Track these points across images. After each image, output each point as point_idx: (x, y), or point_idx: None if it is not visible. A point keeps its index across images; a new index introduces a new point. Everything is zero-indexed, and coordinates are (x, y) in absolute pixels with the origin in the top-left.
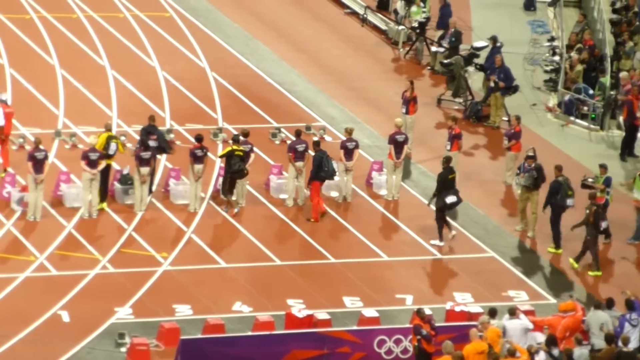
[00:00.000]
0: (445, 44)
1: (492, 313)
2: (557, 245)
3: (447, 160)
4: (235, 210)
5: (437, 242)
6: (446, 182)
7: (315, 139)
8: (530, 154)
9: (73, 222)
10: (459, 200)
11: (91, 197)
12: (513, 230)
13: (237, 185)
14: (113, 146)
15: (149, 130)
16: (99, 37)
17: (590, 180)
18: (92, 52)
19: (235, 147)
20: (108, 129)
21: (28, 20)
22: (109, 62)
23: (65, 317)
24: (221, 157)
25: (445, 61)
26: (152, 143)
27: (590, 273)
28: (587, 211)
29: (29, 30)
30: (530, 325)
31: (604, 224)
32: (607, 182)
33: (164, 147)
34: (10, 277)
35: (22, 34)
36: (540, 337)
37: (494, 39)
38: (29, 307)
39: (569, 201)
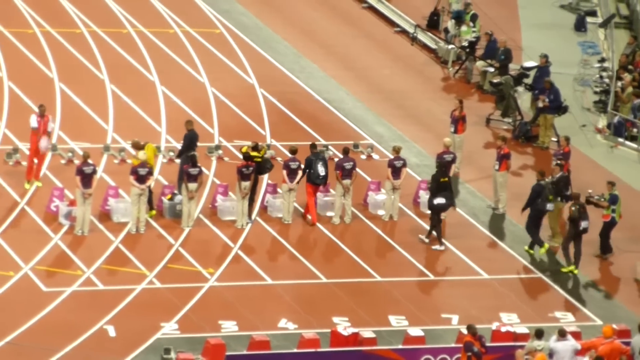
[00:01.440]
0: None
1: (539, 334)
2: (532, 246)
3: (440, 165)
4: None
5: (437, 247)
6: (440, 185)
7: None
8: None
9: (120, 236)
10: (449, 204)
11: (139, 212)
12: (560, 251)
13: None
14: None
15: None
16: (149, 53)
17: (596, 197)
18: (142, 67)
19: (254, 153)
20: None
21: (78, 35)
22: (159, 77)
23: (112, 331)
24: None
25: (495, 81)
26: (321, 170)
27: (562, 269)
28: (572, 209)
29: (79, 44)
30: (579, 346)
31: (583, 224)
32: (613, 200)
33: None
34: (57, 291)
35: (73, 49)
36: None
37: (545, 57)
38: (76, 321)
39: (548, 205)
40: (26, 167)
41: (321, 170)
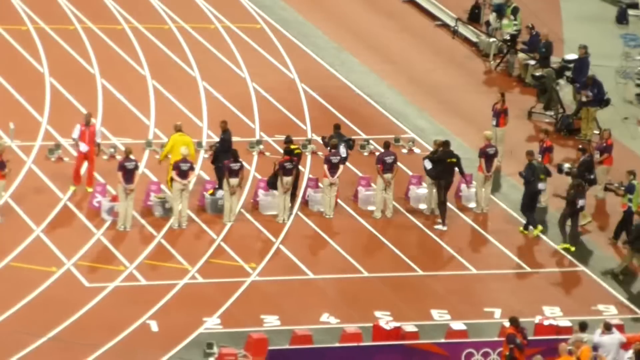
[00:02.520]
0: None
1: (583, 327)
2: (527, 227)
3: (444, 144)
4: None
5: (440, 226)
6: (445, 165)
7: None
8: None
9: (163, 232)
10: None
11: (181, 207)
12: (604, 244)
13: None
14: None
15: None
16: (190, 48)
17: (615, 185)
18: (183, 63)
19: (294, 146)
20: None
21: (120, 31)
22: (200, 73)
23: (154, 326)
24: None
25: (537, 74)
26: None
27: (558, 247)
28: (570, 190)
29: (120, 40)
30: (624, 339)
31: (581, 202)
32: (630, 189)
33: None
34: (100, 286)
35: (114, 45)
36: (628, 354)
37: (584, 48)
38: (118, 317)
39: (540, 185)
40: (73, 172)
41: (342, 151)
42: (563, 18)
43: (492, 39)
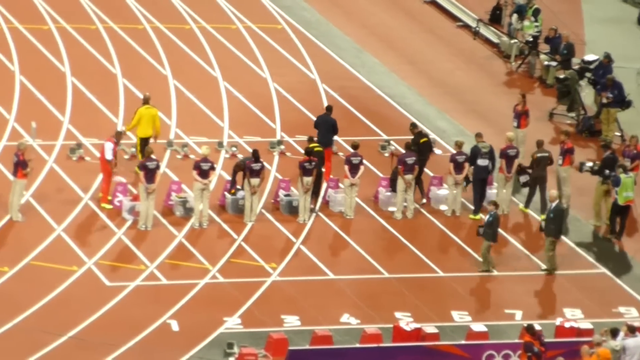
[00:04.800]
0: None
1: (614, 333)
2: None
3: (413, 125)
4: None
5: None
6: (420, 146)
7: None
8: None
9: (183, 231)
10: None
11: (202, 207)
12: (628, 248)
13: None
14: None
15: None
16: (211, 49)
17: (587, 165)
18: (204, 63)
19: (313, 144)
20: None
21: (141, 31)
22: (221, 73)
23: (175, 326)
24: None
25: (561, 76)
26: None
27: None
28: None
29: (142, 40)
30: None
31: (522, 179)
32: (616, 182)
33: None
34: (121, 285)
35: (135, 44)
36: None
37: (608, 57)
38: (139, 316)
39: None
40: (102, 191)
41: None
42: (585, 20)
43: (513, 40)
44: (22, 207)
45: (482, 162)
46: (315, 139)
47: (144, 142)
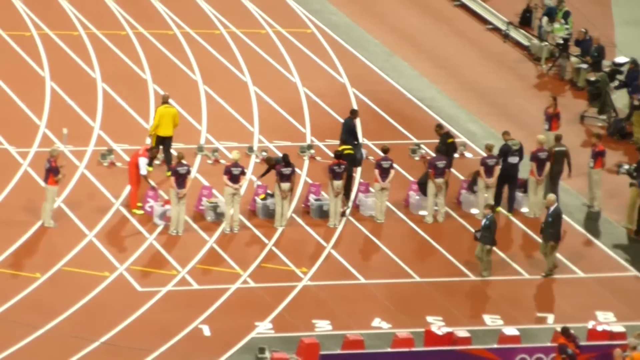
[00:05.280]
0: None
1: None
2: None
3: (439, 126)
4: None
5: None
6: (447, 146)
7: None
8: None
9: (214, 236)
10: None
11: (233, 212)
12: None
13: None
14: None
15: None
16: (241, 53)
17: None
18: (234, 68)
19: (343, 146)
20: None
21: (171, 36)
22: (251, 78)
23: (206, 331)
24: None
25: (592, 79)
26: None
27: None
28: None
29: (172, 46)
30: None
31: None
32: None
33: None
34: (152, 290)
35: (166, 50)
36: None
37: (634, 62)
38: (171, 321)
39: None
40: (131, 197)
41: (364, 154)
42: (615, 22)
43: (543, 43)
44: (54, 213)
45: (512, 159)
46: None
47: (162, 140)
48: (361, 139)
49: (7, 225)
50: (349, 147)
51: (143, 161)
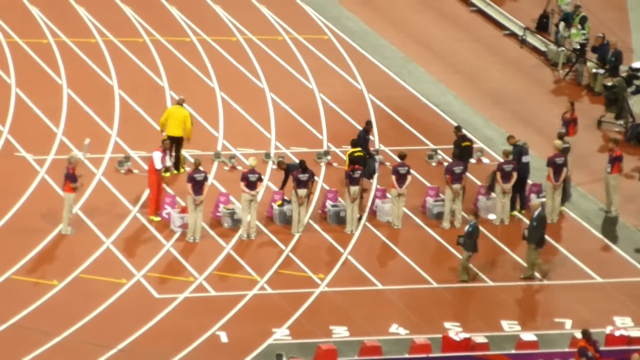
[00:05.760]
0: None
1: None
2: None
3: (457, 128)
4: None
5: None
6: (462, 149)
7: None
8: None
9: (231, 243)
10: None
11: (250, 218)
12: None
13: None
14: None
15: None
16: (258, 60)
17: None
18: (251, 74)
19: (353, 149)
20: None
21: (188, 43)
22: (268, 84)
23: (224, 337)
24: (348, 166)
25: (609, 84)
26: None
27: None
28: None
29: (189, 53)
30: None
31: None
32: None
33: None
34: (170, 297)
35: (182, 57)
36: None
37: None
38: (188, 328)
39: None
40: (149, 203)
41: (377, 167)
42: (632, 27)
43: (560, 48)
44: (71, 220)
45: (525, 158)
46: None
47: (172, 141)
48: (377, 145)
49: (25, 233)
50: (359, 149)
51: (157, 155)
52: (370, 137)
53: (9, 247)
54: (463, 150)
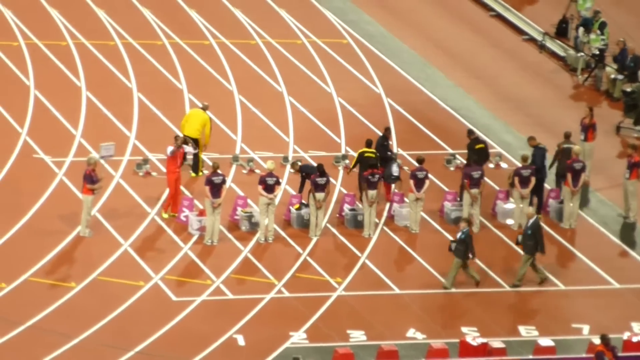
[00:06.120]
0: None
1: None
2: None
3: (470, 132)
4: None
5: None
6: (477, 152)
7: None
8: None
9: (249, 246)
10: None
11: (267, 222)
12: None
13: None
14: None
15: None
16: (276, 64)
17: None
18: (269, 78)
19: (365, 149)
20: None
21: (207, 46)
22: (286, 88)
23: (241, 340)
24: (354, 166)
25: (628, 89)
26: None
27: None
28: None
29: (207, 56)
30: None
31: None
32: None
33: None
34: (187, 300)
35: (201, 59)
36: None
37: None
38: (205, 331)
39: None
40: (166, 201)
41: (395, 170)
42: None
43: (579, 54)
44: (89, 222)
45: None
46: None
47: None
48: (396, 148)
49: (43, 235)
50: (370, 150)
51: (169, 149)
52: (390, 142)
53: (27, 249)
54: (479, 153)
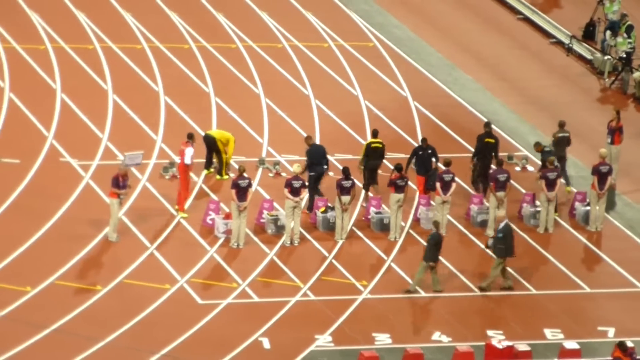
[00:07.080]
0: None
1: None
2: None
3: (487, 125)
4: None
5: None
6: (483, 144)
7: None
8: None
9: (275, 249)
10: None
11: (293, 225)
12: None
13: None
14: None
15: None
16: (303, 67)
17: None
18: (296, 81)
19: (372, 139)
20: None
21: (234, 50)
22: (313, 91)
23: (266, 344)
24: (363, 159)
25: None
26: None
27: None
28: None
29: (234, 59)
30: None
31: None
32: None
33: None
34: (213, 303)
35: (228, 63)
36: None
37: None
38: (231, 334)
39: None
40: (179, 200)
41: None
42: None
43: (606, 57)
44: (117, 226)
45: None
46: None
47: (207, 139)
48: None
49: (70, 238)
50: (378, 140)
51: (189, 151)
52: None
53: (53, 253)
54: (486, 146)
